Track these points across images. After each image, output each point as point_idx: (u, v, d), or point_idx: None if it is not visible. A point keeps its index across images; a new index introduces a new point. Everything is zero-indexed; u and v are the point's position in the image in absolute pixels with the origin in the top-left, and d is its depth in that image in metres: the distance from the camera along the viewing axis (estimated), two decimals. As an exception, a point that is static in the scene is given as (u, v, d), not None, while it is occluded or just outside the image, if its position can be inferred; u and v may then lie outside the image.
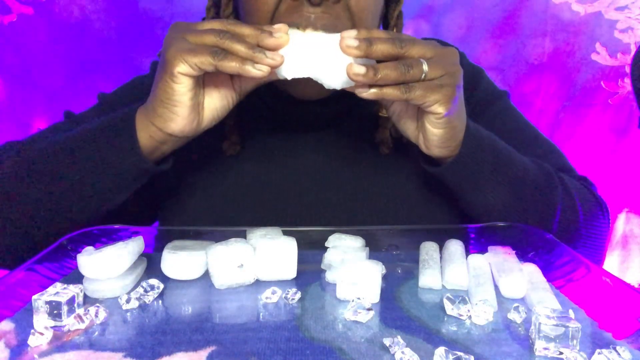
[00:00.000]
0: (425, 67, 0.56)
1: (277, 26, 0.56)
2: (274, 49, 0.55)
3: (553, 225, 0.69)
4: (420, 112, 0.62)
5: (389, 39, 0.56)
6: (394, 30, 0.77)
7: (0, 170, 0.67)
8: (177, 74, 0.56)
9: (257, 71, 0.54)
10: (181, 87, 0.57)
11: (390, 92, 0.55)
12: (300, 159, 0.78)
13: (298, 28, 0.59)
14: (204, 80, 0.60)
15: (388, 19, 0.78)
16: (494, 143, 0.67)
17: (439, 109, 0.58)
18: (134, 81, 0.87)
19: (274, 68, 0.55)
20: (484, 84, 0.85)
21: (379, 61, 0.56)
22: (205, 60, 0.54)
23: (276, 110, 0.78)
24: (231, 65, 0.54)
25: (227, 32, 0.55)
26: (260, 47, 0.55)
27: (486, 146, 0.65)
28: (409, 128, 0.65)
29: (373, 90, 0.55)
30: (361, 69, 0.53)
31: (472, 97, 0.80)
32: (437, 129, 0.60)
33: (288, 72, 0.57)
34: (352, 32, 0.55)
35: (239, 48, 0.54)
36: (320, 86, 0.58)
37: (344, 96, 0.59)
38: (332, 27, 0.64)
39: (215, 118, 0.63)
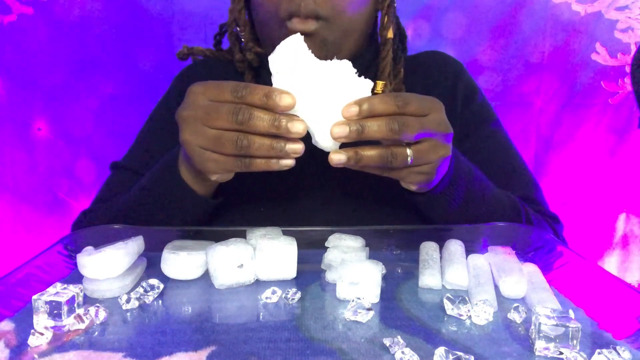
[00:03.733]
0: (410, 156, 0.55)
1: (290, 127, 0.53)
2: (294, 136, 0.53)
3: None
4: None
5: (386, 125, 0.53)
6: (385, 18, 0.81)
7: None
8: (215, 179, 0.62)
9: (285, 164, 0.55)
10: (221, 178, 0.62)
11: (370, 170, 0.57)
12: (301, 159, 0.78)
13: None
14: None
15: (381, 8, 0.82)
16: (470, 176, 0.68)
17: (414, 187, 0.63)
18: (176, 88, 0.91)
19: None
20: (477, 105, 0.86)
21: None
22: (233, 168, 0.57)
23: None
24: (259, 167, 0.55)
25: (242, 133, 0.53)
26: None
27: (461, 181, 0.67)
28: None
29: (355, 166, 0.55)
30: (342, 158, 0.53)
31: (463, 113, 0.83)
32: (418, 185, 0.63)
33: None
34: (351, 109, 0.52)
35: (260, 147, 0.53)
36: None
37: None
38: (323, 15, 0.72)
39: None
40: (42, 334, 0.42)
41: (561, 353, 0.41)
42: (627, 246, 1.36)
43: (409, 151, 0.55)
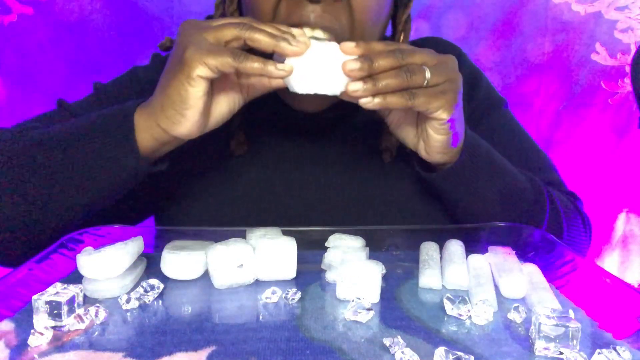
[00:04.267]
0: (427, 73, 0.55)
1: (295, 31, 0.55)
2: (292, 55, 0.54)
3: None
4: (421, 119, 0.61)
5: (390, 52, 0.55)
6: (401, 34, 0.76)
7: None
8: (196, 77, 0.54)
9: (280, 71, 0.53)
10: (197, 90, 0.55)
11: (394, 101, 0.54)
12: (302, 161, 0.78)
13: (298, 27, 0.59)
14: (212, 83, 0.58)
15: (396, 22, 0.77)
16: (490, 152, 0.68)
17: (443, 114, 0.58)
18: (131, 72, 0.84)
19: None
20: (484, 89, 0.84)
21: None
22: (226, 62, 0.53)
23: (279, 114, 0.78)
24: (253, 67, 0.53)
25: (246, 24, 0.54)
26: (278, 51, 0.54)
27: (483, 155, 0.66)
28: (408, 135, 0.65)
29: (377, 100, 0.54)
30: (359, 85, 0.53)
31: (471, 100, 0.81)
32: (440, 134, 0.60)
33: (298, 86, 0.56)
34: (350, 46, 0.54)
35: (261, 38, 0.53)
36: (319, 100, 0.58)
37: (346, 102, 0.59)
38: (330, 27, 0.64)
39: (220, 121, 0.62)
40: (42, 334, 0.42)
41: (561, 353, 0.41)
42: (627, 246, 1.36)
43: (425, 68, 0.56)
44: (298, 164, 0.77)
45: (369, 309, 0.46)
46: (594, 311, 0.49)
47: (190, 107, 0.56)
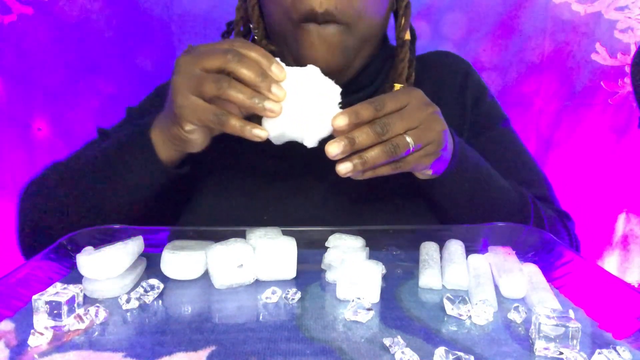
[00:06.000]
0: (410, 142, 0.57)
1: (274, 71, 0.56)
2: (274, 100, 0.56)
3: None
4: None
5: (372, 127, 0.55)
6: (402, 18, 0.80)
7: (47, 187, 0.75)
8: (188, 132, 0.60)
9: (255, 137, 0.56)
10: (193, 135, 0.61)
11: (382, 171, 0.58)
12: (302, 161, 0.78)
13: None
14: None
15: (397, 7, 0.81)
16: (478, 164, 0.70)
17: (427, 171, 0.64)
18: (157, 90, 0.90)
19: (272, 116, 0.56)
20: (487, 104, 0.86)
21: None
22: (209, 123, 0.58)
23: None
24: (233, 127, 0.56)
25: (225, 80, 0.55)
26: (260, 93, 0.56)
27: (470, 167, 0.68)
28: None
29: (367, 173, 0.57)
30: (349, 167, 0.55)
31: (473, 113, 0.84)
32: (423, 176, 0.66)
33: (271, 130, 0.57)
34: (342, 123, 0.54)
35: (239, 92, 0.55)
36: None
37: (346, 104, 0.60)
38: (336, 15, 0.68)
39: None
40: (42, 334, 0.42)
41: (561, 353, 0.41)
42: (627, 246, 1.36)
43: (407, 138, 0.57)
44: (298, 162, 0.78)
45: (369, 309, 0.46)
46: (594, 311, 0.48)
47: (192, 143, 0.63)
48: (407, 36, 0.81)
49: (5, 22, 1.22)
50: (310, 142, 0.58)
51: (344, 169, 0.55)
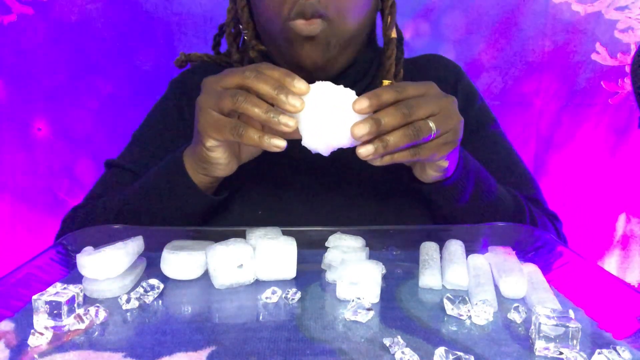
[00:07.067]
0: (433, 127, 0.57)
1: (297, 85, 0.55)
2: (291, 112, 0.55)
3: None
4: None
5: (398, 108, 0.55)
6: (389, 17, 0.82)
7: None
8: (209, 146, 0.61)
9: (272, 147, 0.56)
10: (215, 154, 0.62)
11: (401, 157, 0.57)
12: (303, 162, 0.78)
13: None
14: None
15: (383, 7, 0.83)
16: (478, 167, 0.71)
17: (444, 163, 0.62)
18: (171, 84, 0.92)
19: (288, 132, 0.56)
20: (477, 107, 0.87)
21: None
22: (228, 136, 0.58)
23: None
24: (251, 139, 0.56)
25: (242, 95, 0.56)
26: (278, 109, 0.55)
27: (472, 170, 0.69)
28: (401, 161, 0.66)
29: (385, 158, 0.57)
30: (370, 149, 0.54)
31: (464, 115, 0.82)
32: (436, 172, 0.64)
33: (309, 143, 0.56)
34: (364, 106, 0.54)
35: (255, 105, 0.55)
36: None
37: None
38: (324, 13, 0.70)
39: (252, 157, 0.68)
40: (42, 334, 0.42)
41: (561, 353, 0.41)
42: (627, 246, 1.36)
43: (430, 122, 0.57)
44: (298, 162, 0.78)
45: (369, 309, 0.46)
46: (594, 311, 0.48)
47: (216, 164, 0.64)
48: (394, 34, 0.83)
49: (5, 22, 1.22)
50: (326, 152, 0.57)
51: (365, 151, 0.54)
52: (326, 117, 0.55)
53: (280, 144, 0.56)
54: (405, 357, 0.40)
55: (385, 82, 0.78)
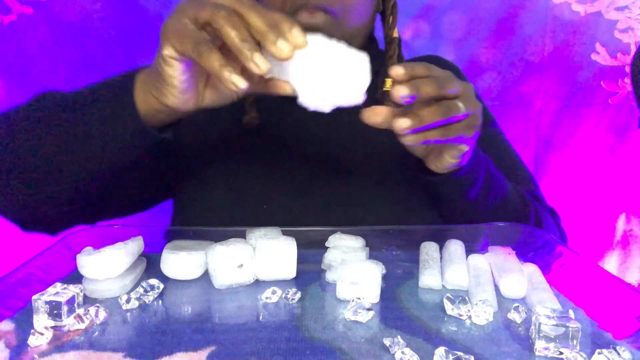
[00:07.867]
0: (462, 107, 0.56)
1: (294, 33, 0.47)
2: (276, 56, 0.47)
3: None
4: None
5: (433, 79, 0.55)
6: (390, 17, 0.82)
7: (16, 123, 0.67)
8: (165, 56, 0.51)
9: (235, 81, 0.46)
10: (171, 69, 0.52)
11: (431, 136, 0.56)
12: (303, 160, 0.78)
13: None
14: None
15: (385, 7, 0.83)
16: (487, 164, 0.71)
17: (465, 147, 0.61)
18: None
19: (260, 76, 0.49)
20: None
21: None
22: (187, 48, 0.48)
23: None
24: (209, 64, 0.47)
25: (226, 10, 0.48)
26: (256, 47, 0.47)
27: (482, 165, 0.69)
28: (418, 149, 0.66)
29: (419, 136, 0.56)
30: (407, 122, 0.54)
31: None
32: (454, 159, 0.63)
33: (307, 100, 0.52)
34: (400, 73, 0.54)
35: (230, 33, 0.47)
36: None
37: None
38: (330, 6, 0.70)
39: (214, 105, 0.59)
40: (42, 334, 0.42)
41: (561, 353, 0.41)
42: (627, 246, 1.36)
43: (459, 103, 0.56)
44: (297, 162, 0.78)
45: (369, 309, 0.46)
46: (594, 311, 0.48)
47: (168, 84, 0.54)
48: (395, 34, 0.83)
49: (5, 22, 1.22)
50: (329, 109, 0.52)
51: (403, 122, 0.53)
52: (327, 72, 0.50)
53: (240, 83, 0.46)
54: (405, 357, 0.40)
55: (389, 82, 0.78)
